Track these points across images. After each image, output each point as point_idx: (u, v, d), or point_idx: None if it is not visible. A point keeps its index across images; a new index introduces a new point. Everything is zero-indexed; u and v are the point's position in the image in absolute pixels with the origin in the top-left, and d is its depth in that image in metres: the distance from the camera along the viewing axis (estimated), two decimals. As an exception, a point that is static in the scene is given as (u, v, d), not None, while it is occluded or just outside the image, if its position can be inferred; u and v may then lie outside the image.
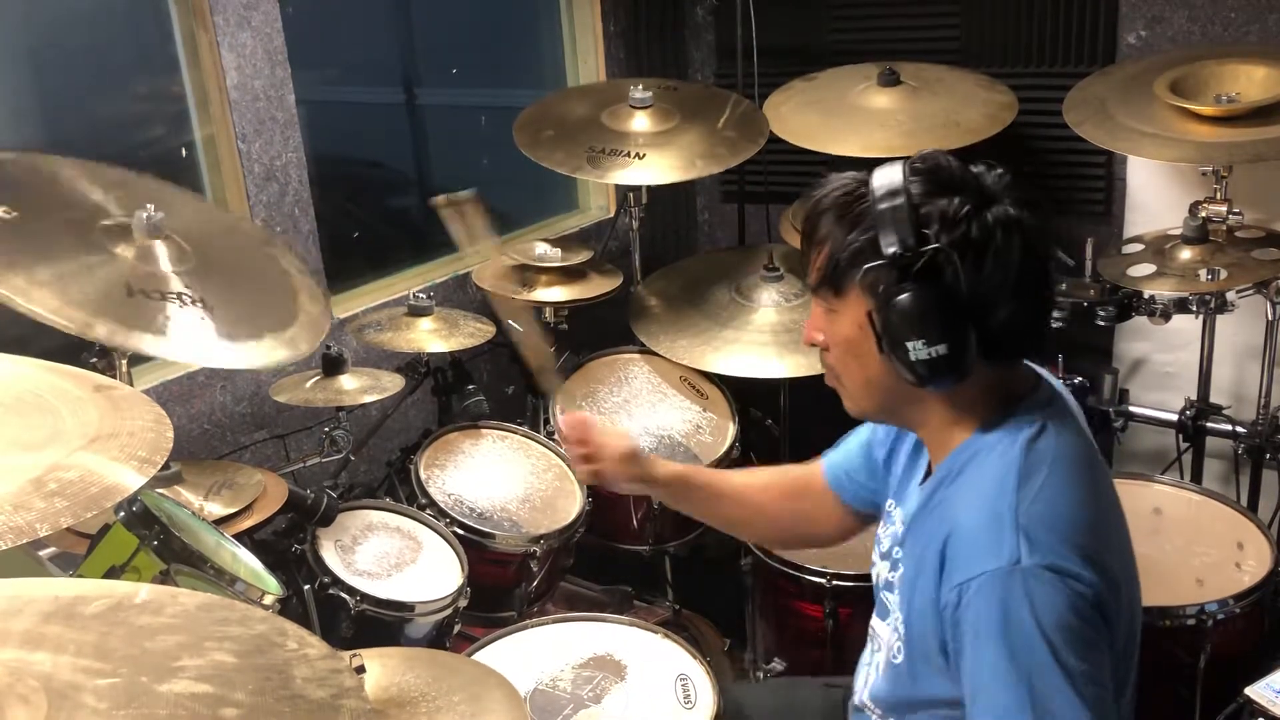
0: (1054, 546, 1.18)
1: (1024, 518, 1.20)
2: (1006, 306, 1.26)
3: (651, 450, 2.66)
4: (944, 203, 1.25)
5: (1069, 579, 1.17)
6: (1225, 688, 1.98)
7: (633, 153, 2.74)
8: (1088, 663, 1.15)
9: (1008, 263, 1.25)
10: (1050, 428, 1.30)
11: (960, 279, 1.23)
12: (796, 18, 3.39)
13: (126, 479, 1.13)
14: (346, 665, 0.94)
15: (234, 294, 1.87)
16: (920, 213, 1.25)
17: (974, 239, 1.24)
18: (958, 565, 1.23)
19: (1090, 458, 1.32)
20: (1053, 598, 1.16)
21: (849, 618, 2.23)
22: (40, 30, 2.36)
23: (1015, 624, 1.16)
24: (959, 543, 1.24)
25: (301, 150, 2.68)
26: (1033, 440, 1.28)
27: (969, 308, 1.25)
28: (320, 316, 1.98)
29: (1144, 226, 2.79)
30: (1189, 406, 2.66)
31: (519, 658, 1.92)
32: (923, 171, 1.29)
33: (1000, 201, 1.27)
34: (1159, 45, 2.94)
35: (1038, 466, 1.25)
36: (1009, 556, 1.18)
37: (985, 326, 1.26)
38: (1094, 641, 1.17)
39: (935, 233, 1.24)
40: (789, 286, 2.84)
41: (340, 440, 2.40)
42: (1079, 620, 1.16)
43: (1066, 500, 1.23)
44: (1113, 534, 1.28)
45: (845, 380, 1.40)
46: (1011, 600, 1.16)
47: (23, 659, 0.88)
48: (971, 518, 1.25)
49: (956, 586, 1.21)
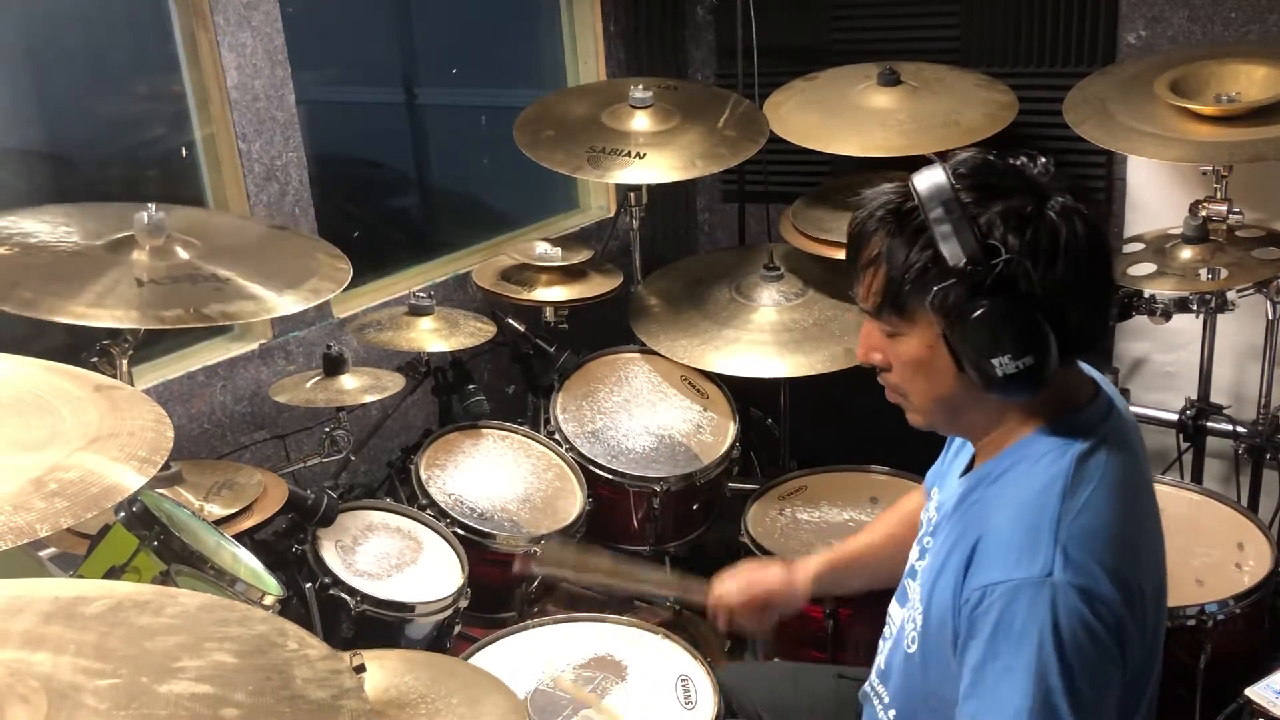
0: (1088, 566, 1.17)
1: (1064, 533, 1.18)
2: (1080, 303, 1.22)
3: (651, 450, 2.66)
4: (1001, 206, 1.20)
5: (1096, 602, 1.16)
6: (1225, 688, 1.98)
7: (633, 152, 2.74)
8: (1095, 691, 1.15)
9: (1078, 258, 1.20)
10: (1105, 446, 1.26)
11: (1035, 284, 1.19)
12: (796, 18, 3.39)
13: (126, 479, 1.13)
14: (346, 666, 0.94)
15: (253, 264, 1.93)
16: (980, 221, 1.19)
17: (1042, 240, 1.19)
18: (987, 566, 1.21)
19: (1138, 481, 1.30)
20: (1076, 618, 1.15)
21: (849, 618, 2.23)
22: (40, 30, 2.36)
23: (1038, 635, 1.14)
24: (992, 544, 1.22)
25: (301, 150, 2.68)
26: (1085, 456, 1.25)
27: (1047, 311, 1.20)
28: (337, 263, 2.05)
29: (1144, 226, 2.79)
30: (1189, 406, 2.65)
31: (519, 658, 1.92)
32: (968, 175, 1.23)
33: (1054, 193, 1.22)
34: (1159, 45, 2.94)
35: (1085, 483, 1.23)
36: (1042, 568, 1.16)
37: (1063, 327, 1.21)
38: (1104, 670, 1.16)
39: (1001, 239, 1.18)
40: (789, 286, 2.84)
41: (341, 440, 2.40)
42: (1098, 649, 1.15)
43: (1107, 521, 1.21)
44: (1146, 557, 1.26)
45: (913, 398, 1.34)
46: (1037, 611, 1.15)
47: (23, 659, 0.88)
48: (1009, 522, 1.22)
49: (981, 587, 1.19)
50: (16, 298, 1.63)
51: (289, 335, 2.69)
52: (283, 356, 2.68)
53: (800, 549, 2.39)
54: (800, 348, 2.67)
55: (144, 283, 1.76)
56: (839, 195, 2.87)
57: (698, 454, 2.66)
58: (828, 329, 2.69)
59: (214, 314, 1.76)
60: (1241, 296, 2.48)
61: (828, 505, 2.53)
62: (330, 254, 2.09)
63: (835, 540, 2.43)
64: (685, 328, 2.78)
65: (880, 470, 2.61)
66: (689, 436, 2.71)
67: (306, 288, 1.91)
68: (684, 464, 2.63)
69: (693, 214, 3.85)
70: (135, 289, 1.74)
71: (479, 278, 2.86)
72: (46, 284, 1.68)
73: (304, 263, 2.01)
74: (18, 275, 1.68)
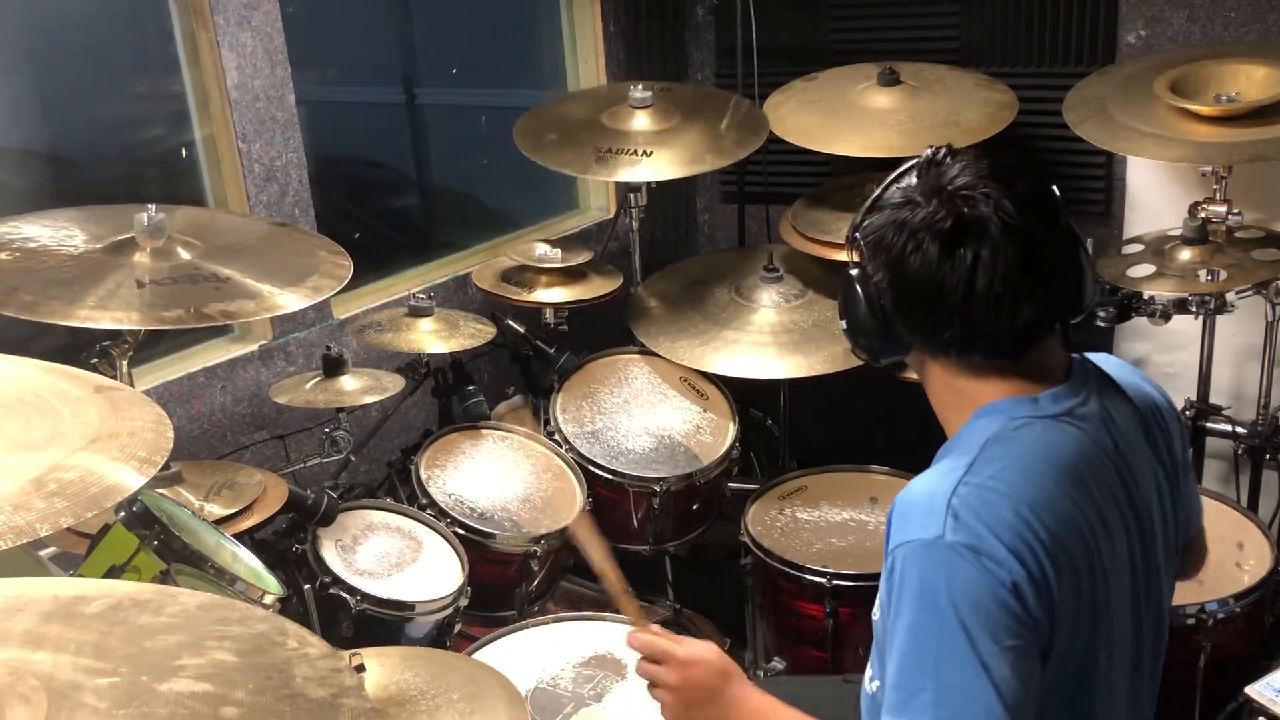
0: (977, 530, 1.19)
1: (956, 499, 1.21)
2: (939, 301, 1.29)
3: (651, 450, 2.66)
4: (899, 199, 1.35)
5: (988, 561, 1.18)
6: (1225, 687, 1.98)
7: (639, 150, 2.74)
8: (1001, 645, 1.16)
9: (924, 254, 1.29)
10: (1040, 424, 1.28)
11: (869, 267, 1.36)
12: (796, 18, 3.39)
13: (126, 479, 1.13)
14: (346, 665, 0.94)
15: (254, 262, 1.94)
16: (876, 208, 1.38)
17: (888, 234, 1.32)
18: (894, 532, 1.26)
19: (1074, 465, 1.27)
20: (970, 577, 1.17)
21: (849, 618, 2.24)
22: (40, 30, 2.36)
23: (930, 594, 1.18)
24: (899, 511, 1.27)
25: (301, 150, 2.68)
26: (1009, 431, 1.28)
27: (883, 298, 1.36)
28: (338, 259, 2.05)
29: (1144, 227, 2.79)
30: (1189, 407, 2.66)
31: (519, 657, 1.92)
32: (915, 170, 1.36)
33: (953, 192, 1.29)
34: (1159, 45, 2.95)
35: (998, 457, 1.25)
36: (935, 530, 1.20)
37: (910, 314, 1.33)
38: (1013, 629, 1.17)
39: (860, 227, 1.39)
40: (789, 287, 2.84)
41: (341, 441, 2.40)
42: (995, 604, 1.17)
43: (1013, 494, 1.22)
44: (1069, 534, 1.24)
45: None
46: (929, 570, 1.19)
47: (23, 659, 0.88)
48: (915, 489, 1.27)
49: (891, 551, 1.24)
50: (18, 302, 1.63)
51: (289, 336, 2.69)
52: (283, 357, 2.69)
53: (800, 548, 2.40)
54: (800, 349, 2.67)
55: (144, 284, 1.76)
56: (838, 196, 2.87)
57: (697, 454, 2.66)
58: (828, 330, 2.69)
59: (214, 313, 1.76)
60: (1241, 298, 2.48)
61: (827, 505, 2.53)
62: (331, 251, 2.09)
63: (835, 540, 2.44)
64: (685, 329, 2.78)
65: (880, 470, 2.61)
66: (689, 437, 2.71)
67: (307, 285, 1.91)
68: (684, 464, 2.63)
69: (692, 215, 3.85)
70: (136, 290, 1.74)
71: (479, 279, 2.86)
72: (48, 288, 1.68)
73: (305, 260, 2.01)
74: (18, 279, 1.68)
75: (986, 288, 1.25)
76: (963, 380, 1.34)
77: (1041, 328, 1.31)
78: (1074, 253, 1.32)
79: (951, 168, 1.29)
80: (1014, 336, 1.29)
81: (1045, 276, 1.28)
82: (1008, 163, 1.29)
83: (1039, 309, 1.28)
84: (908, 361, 1.42)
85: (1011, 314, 1.26)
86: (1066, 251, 1.31)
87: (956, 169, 1.29)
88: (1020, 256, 1.25)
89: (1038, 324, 1.30)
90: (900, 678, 1.19)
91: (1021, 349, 1.31)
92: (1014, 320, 1.27)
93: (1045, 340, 1.32)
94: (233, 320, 2.16)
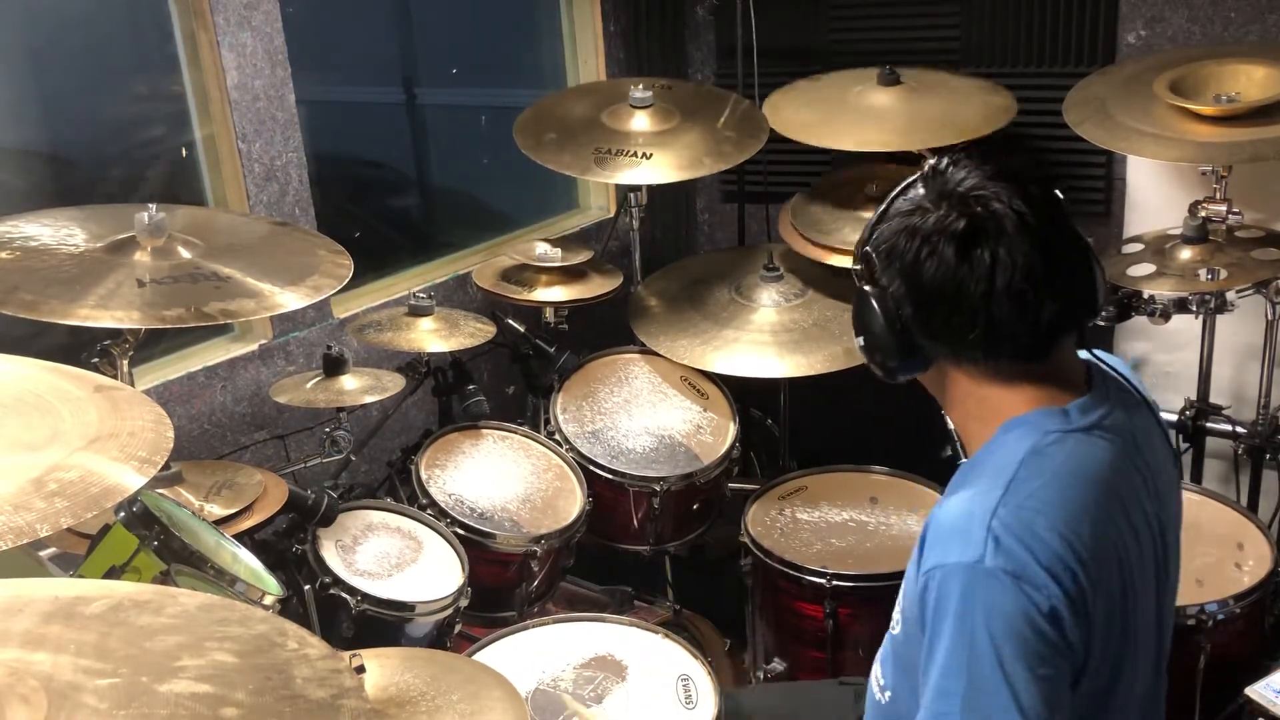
0: (1018, 554, 1.18)
1: (997, 521, 1.20)
2: (950, 305, 1.29)
3: (651, 450, 2.66)
4: (908, 207, 1.35)
5: (1028, 586, 1.17)
6: (1225, 688, 1.98)
7: (639, 152, 2.74)
8: (1034, 674, 1.15)
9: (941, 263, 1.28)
10: (1073, 439, 1.27)
11: (881, 278, 1.36)
12: (796, 18, 3.39)
13: (126, 479, 1.13)
14: (346, 665, 0.94)
15: (254, 261, 1.94)
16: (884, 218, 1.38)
17: (900, 243, 1.33)
18: (930, 552, 1.24)
19: (1108, 479, 1.28)
20: (1009, 603, 1.16)
21: (849, 618, 2.24)
22: (40, 30, 2.36)
23: (967, 620, 1.17)
24: (935, 531, 1.25)
25: (301, 150, 2.68)
26: (1042, 447, 1.26)
27: (900, 307, 1.35)
28: (339, 258, 2.05)
29: (1144, 226, 2.79)
30: (1189, 406, 2.66)
31: (520, 658, 1.92)
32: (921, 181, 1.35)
33: (956, 199, 1.29)
34: (1159, 45, 2.95)
35: (1034, 475, 1.24)
36: (974, 554, 1.19)
37: (929, 324, 1.31)
38: (1048, 657, 1.17)
39: (872, 237, 1.38)
40: (789, 286, 2.84)
41: (341, 440, 2.40)
42: (1032, 632, 1.16)
43: (1051, 514, 1.21)
44: (1103, 550, 1.24)
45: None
46: (968, 595, 1.18)
47: (23, 659, 0.88)
48: (952, 509, 1.25)
49: (926, 573, 1.23)
50: (18, 300, 1.63)
51: (289, 336, 2.69)
52: (283, 357, 2.69)
53: (800, 549, 2.40)
54: (800, 348, 2.67)
55: (145, 283, 1.76)
56: (838, 192, 2.87)
57: (698, 454, 2.66)
58: (828, 329, 2.69)
59: (214, 312, 1.76)
60: (1241, 297, 2.48)
61: (828, 505, 2.53)
62: (331, 249, 2.08)
63: (835, 540, 2.44)
64: (685, 328, 2.78)
65: (880, 470, 2.61)
66: (689, 437, 2.71)
67: (308, 284, 1.91)
68: (684, 464, 2.63)
69: (692, 214, 3.85)
70: (136, 289, 1.74)
71: (479, 278, 2.86)
72: (48, 287, 1.68)
73: (305, 259, 2.01)
74: (19, 278, 1.68)
75: (1008, 285, 1.24)
76: (988, 389, 1.32)
77: (1063, 327, 1.30)
78: (1085, 253, 1.32)
79: (957, 173, 1.29)
80: (1038, 335, 1.28)
81: (1065, 273, 1.28)
82: (1013, 166, 1.29)
83: (1061, 306, 1.28)
84: (923, 381, 1.40)
85: (1035, 309, 1.26)
86: (1079, 251, 1.31)
87: (962, 173, 1.29)
88: (1038, 253, 1.24)
89: (1060, 322, 1.29)
90: (932, 701, 1.18)
91: (1046, 348, 1.30)
92: (1038, 316, 1.26)
93: (1067, 341, 1.32)
94: (233, 319, 2.16)
